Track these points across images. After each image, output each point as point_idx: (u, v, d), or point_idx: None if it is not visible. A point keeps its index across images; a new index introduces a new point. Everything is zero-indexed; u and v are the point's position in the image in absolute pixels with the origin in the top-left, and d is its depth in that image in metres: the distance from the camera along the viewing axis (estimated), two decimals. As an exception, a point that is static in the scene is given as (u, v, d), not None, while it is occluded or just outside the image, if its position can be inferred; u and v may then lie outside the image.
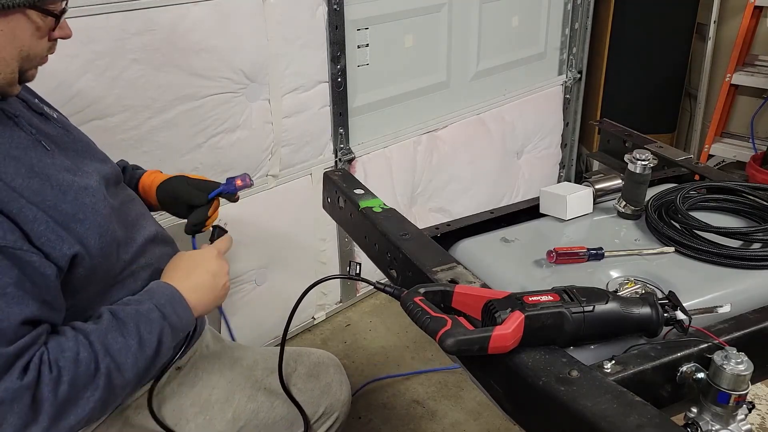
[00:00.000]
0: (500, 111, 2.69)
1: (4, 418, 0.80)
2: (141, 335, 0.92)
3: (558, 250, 1.13)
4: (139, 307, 0.95)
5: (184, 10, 1.61)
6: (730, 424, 0.86)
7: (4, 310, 0.81)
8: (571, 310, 0.89)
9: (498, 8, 2.53)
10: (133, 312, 0.94)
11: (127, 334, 0.91)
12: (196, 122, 1.72)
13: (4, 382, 0.79)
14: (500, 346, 0.87)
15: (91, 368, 0.86)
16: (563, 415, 0.78)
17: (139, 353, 0.91)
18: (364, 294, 2.45)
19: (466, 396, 1.99)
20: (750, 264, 1.11)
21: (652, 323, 0.92)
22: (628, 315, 0.91)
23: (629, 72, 3.10)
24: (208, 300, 1.04)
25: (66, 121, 1.09)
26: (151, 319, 0.94)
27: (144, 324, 0.93)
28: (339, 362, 1.31)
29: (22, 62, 0.90)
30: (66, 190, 0.91)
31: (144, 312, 0.94)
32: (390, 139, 2.28)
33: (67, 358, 0.84)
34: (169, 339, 0.96)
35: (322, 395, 1.22)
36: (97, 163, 1.06)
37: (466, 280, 1.01)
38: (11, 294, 0.82)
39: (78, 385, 0.84)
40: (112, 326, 0.91)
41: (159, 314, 0.95)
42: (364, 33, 2.09)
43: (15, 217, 0.83)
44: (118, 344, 0.89)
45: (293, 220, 2.08)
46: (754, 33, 3.04)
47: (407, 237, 1.13)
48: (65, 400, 0.83)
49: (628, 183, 1.28)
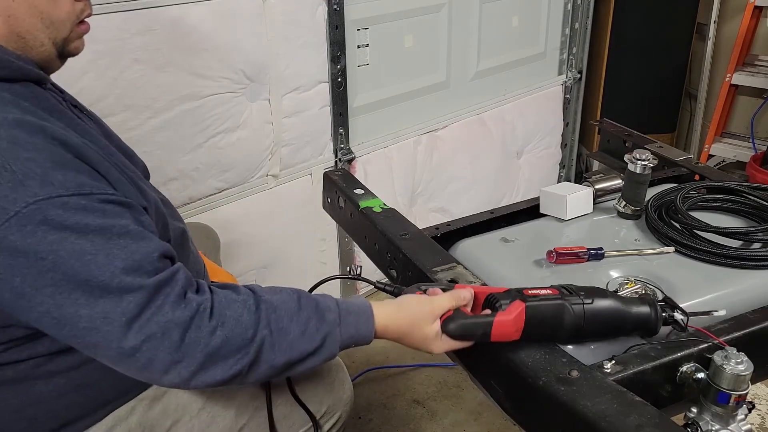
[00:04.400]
0: (500, 111, 2.69)
1: (154, 355, 0.79)
2: (308, 328, 0.88)
3: (558, 250, 1.13)
4: (323, 302, 0.92)
5: (184, 10, 1.61)
6: (730, 424, 0.86)
7: (132, 246, 0.80)
8: (571, 302, 0.90)
9: (498, 8, 2.53)
10: (314, 303, 0.91)
11: (296, 321, 0.87)
12: (196, 122, 1.72)
13: (158, 314, 0.79)
14: (503, 333, 0.88)
15: (248, 334, 0.83)
16: (563, 415, 0.78)
17: (296, 344, 0.87)
18: (364, 294, 2.45)
19: (466, 396, 1.99)
20: (750, 264, 1.11)
21: (651, 322, 0.92)
22: (627, 312, 0.92)
23: (629, 72, 3.10)
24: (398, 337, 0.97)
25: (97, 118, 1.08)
26: (326, 319, 0.90)
27: (316, 320, 0.89)
28: (341, 361, 1.31)
29: (51, 32, 0.87)
30: (125, 164, 0.92)
31: (323, 308, 0.91)
32: (390, 139, 2.28)
33: (230, 315, 0.83)
34: (335, 345, 0.90)
35: (325, 394, 1.21)
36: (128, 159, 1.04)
37: (466, 280, 1.02)
38: (136, 232, 0.81)
39: (232, 344, 0.82)
40: (287, 306, 0.88)
41: (336, 317, 0.91)
42: (364, 33, 2.09)
43: (105, 175, 0.84)
44: (281, 322, 0.86)
45: (293, 220, 2.08)
46: (754, 33, 3.04)
47: (407, 237, 1.13)
48: (215, 353, 0.81)
49: (628, 183, 1.28)
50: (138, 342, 0.78)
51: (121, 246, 0.79)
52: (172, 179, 1.72)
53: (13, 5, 0.83)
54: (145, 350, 0.79)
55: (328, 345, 0.90)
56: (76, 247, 0.76)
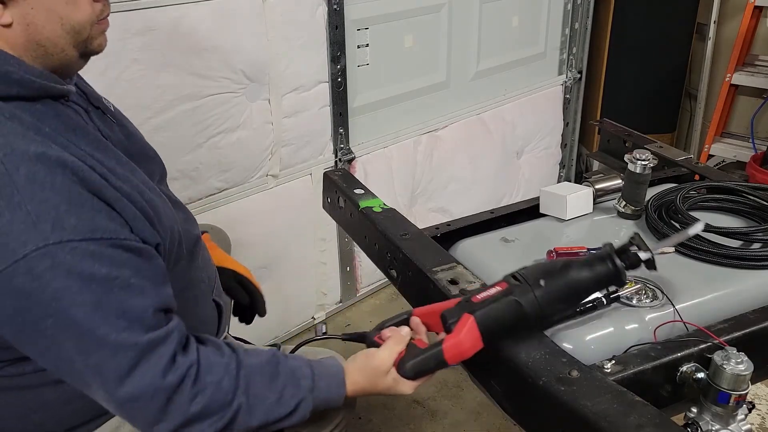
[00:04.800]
0: (500, 111, 2.69)
1: (140, 412, 0.82)
2: (283, 395, 0.91)
3: (558, 249, 1.14)
4: (299, 368, 0.94)
5: (184, 10, 1.60)
6: (730, 424, 0.86)
7: (131, 300, 0.81)
8: (521, 294, 0.87)
9: (498, 8, 2.53)
10: (290, 370, 0.93)
11: (272, 387, 0.90)
12: (196, 122, 1.72)
13: (148, 375, 0.81)
14: (460, 353, 0.87)
15: (227, 399, 0.86)
16: (563, 415, 0.78)
17: (271, 409, 0.90)
18: (364, 294, 2.45)
19: (466, 396, 1.99)
20: (750, 264, 1.11)
21: (613, 275, 0.88)
22: (585, 279, 0.88)
23: (629, 72, 3.10)
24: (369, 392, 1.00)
25: (122, 117, 1.06)
26: (301, 386, 0.93)
27: (292, 387, 0.92)
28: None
29: (72, 37, 0.84)
30: (141, 191, 0.90)
31: (299, 375, 0.93)
32: (390, 139, 2.28)
33: (211, 381, 0.85)
34: (307, 410, 0.93)
35: None
36: (147, 162, 1.04)
37: (466, 280, 1.02)
38: (136, 285, 0.81)
39: (210, 408, 0.85)
40: (265, 371, 0.91)
41: (310, 384, 0.93)
42: (364, 33, 2.09)
43: (121, 214, 0.84)
44: (258, 389, 0.89)
45: (293, 220, 2.08)
46: (754, 33, 3.03)
47: (407, 237, 1.13)
48: (192, 418, 0.84)
49: (628, 183, 1.28)
50: (126, 397, 0.81)
51: (121, 300, 0.80)
52: (172, 179, 1.71)
53: (32, 12, 0.80)
54: (132, 406, 0.82)
55: (301, 410, 0.92)
56: (78, 298, 0.77)
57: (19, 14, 0.79)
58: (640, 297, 1.03)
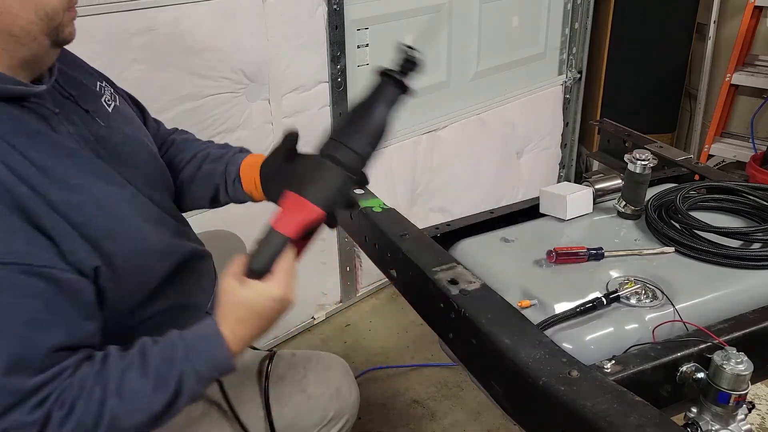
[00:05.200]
0: (500, 111, 2.69)
1: None
2: (158, 377, 0.83)
3: (558, 250, 1.14)
4: (166, 344, 0.86)
5: (184, 10, 1.60)
6: (730, 424, 0.86)
7: (33, 338, 0.76)
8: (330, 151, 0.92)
9: (498, 8, 2.53)
10: (158, 349, 0.85)
11: (145, 374, 0.83)
12: (196, 122, 1.72)
13: (15, 413, 0.75)
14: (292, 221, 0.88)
15: (100, 410, 0.80)
16: (563, 415, 0.78)
17: (153, 397, 0.83)
18: (364, 294, 2.45)
19: (466, 396, 1.99)
20: (750, 264, 1.11)
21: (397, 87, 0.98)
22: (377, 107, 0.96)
23: (629, 72, 3.10)
24: (261, 336, 0.92)
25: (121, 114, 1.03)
26: (173, 358, 0.84)
27: (166, 366, 0.84)
28: (347, 365, 1.29)
29: (45, 23, 0.82)
30: (102, 204, 0.86)
31: (169, 349, 0.85)
32: (390, 139, 2.28)
33: (83, 396, 0.79)
34: (191, 384, 0.85)
35: (331, 400, 1.19)
36: (145, 166, 1.01)
37: (466, 280, 1.01)
38: (42, 320, 0.77)
39: (84, 423, 0.79)
40: (135, 363, 0.84)
41: (184, 354, 0.85)
42: (364, 33, 2.08)
43: (50, 233, 0.79)
44: (132, 384, 0.82)
45: (293, 220, 2.07)
46: (754, 33, 3.03)
47: (407, 237, 1.13)
48: None
49: (628, 183, 1.28)
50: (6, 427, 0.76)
51: (20, 337, 0.76)
52: (172, 179, 1.72)
53: (7, 1, 0.78)
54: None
55: (187, 383, 0.85)
56: None
57: None
58: (639, 297, 1.03)
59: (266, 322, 0.89)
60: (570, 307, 1.01)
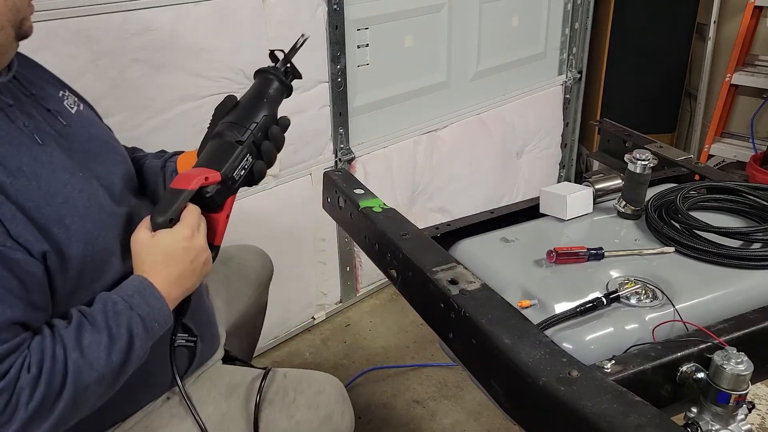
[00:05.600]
0: (500, 111, 2.69)
1: None
2: (110, 328, 0.86)
3: (558, 250, 1.13)
4: (106, 301, 0.89)
5: (184, 10, 1.60)
6: (730, 424, 0.86)
7: None
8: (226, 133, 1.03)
9: (498, 8, 2.53)
10: (100, 306, 0.88)
11: (96, 329, 0.86)
12: (196, 122, 1.72)
13: None
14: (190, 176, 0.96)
15: (65, 367, 0.82)
16: (563, 415, 0.78)
17: (111, 346, 0.85)
18: (364, 294, 2.45)
19: (466, 396, 1.99)
20: (750, 264, 1.11)
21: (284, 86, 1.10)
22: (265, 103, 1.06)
23: (629, 72, 3.10)
24: (187, 286, 0.96)
25: (86, 117, 1.05)
26: (118, 311, 0.88)
27: (112, 317, 0.87)
28: (343, 389, 1.26)
29: (13, 14, 0.86)
30: (55, 192, 0.88)
31: (110, 305, 0.88)
32: (390, 139, 2.28)
33: (46, 358, 0.81)
34: (140, 331, 0.89)
35: (321, 427, 1.17)
36: (109, 165, 1.02)
37: (466, 280, 1.01)
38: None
39: (53, 384, 0.81)
40: (82, 322, 0.86)
41: (125, 305, 0.89)
42: (364, 33, 2.08)
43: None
44: (88, 339, 0.85)
45: (293, 220, 2.08)
46: (754, 33, 3.04)
47: (407, 237, 1.13)
48: (41, 402, 0.80)
49: (628, 183, 1.28)
50: None
51: None
52: (172, 179, 1.72)
53: None
54: None
55: (136, 333, 0.88)
56: None
57: None
58: (639, 297, 1.03)
59: (182, 264, 0.94)
60: (570, 307, 1.01)
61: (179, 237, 0.93)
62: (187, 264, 0.94)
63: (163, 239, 0.93)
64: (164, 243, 0.93)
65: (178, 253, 0.93)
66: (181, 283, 0.95)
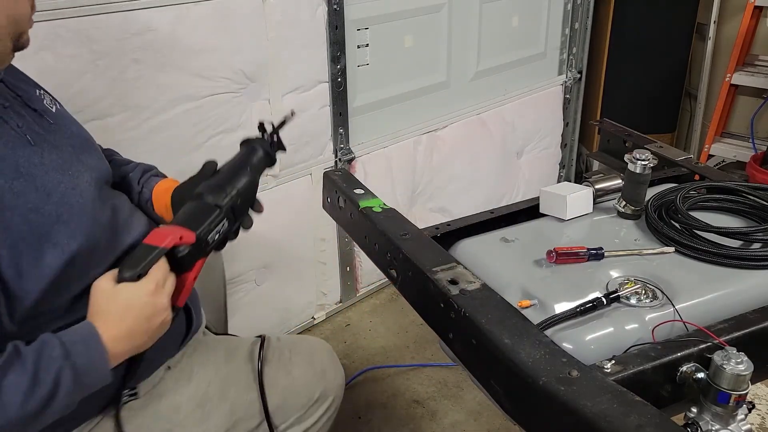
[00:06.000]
0: (500, 111, 2.69)
1: None
2: (37, 372, 0.81)
3: (558, 250, 1.13)
4: (44, 344, 0.85)
5: (184, 10, 1.60)
6: (730, 424, 0.86)
7: None
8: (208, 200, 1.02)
9: (498, 8, 2.53)
10: (36, 347, 0.84)
11: (22, 370, 0.81)
12: (196, 122, 1.72)
13: None
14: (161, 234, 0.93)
15: None
16: (563, 415, 0.78)
17: (30, 391, 0.80)
18: (364, 294, 2.45)
19: (466, 396, 1.99)
20: (750, 264, 1.11)
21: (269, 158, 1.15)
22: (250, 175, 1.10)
23: (629, 72, 3.10)
24: (137, 343, 0.92)
25: (65, 115, 1.07)
26: (52, 356, 0.83)
27: (43, 361, 0.82)
28: (331, 349, 1.33)
29: (13, 28, 0.90)
30: (51, 191, 0.89)
31: (47, 349, 0.84)
32: (390, 139, 2.28)
33: None
34: (68, 382, 0.83)
35: (317, 381, 1.23)
36: (93, 161, 1.04)
37: (466, 280, 1.01)
38: None
39: None
40: (12, 360, 0.82)
41: (61, 352, 0.84)
42: (364, 33, 2.09)
43: None
44: (9, 379, 0.80)
45: (293, 220, 2.08)
46: (754, 33, 3.04)
47: (407, 237, 1.13)
48: None
49: (628, 183, 1.28)
50: None
51: None
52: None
53: None
54: None
55: (63, 384, 0.83)
56: None
57: None
58: (639, 297, 1.03)
59: (137, 319, 0.89)
60: (570, 307, 1.01)
61: (142, 291, 0.89)
62: (142, 320, 0.90)
63: (125, 290, 0.89)
64: (125, 294, 0.89)
65: (136, 306, 0.89)
66: (131, 340, 0.90)
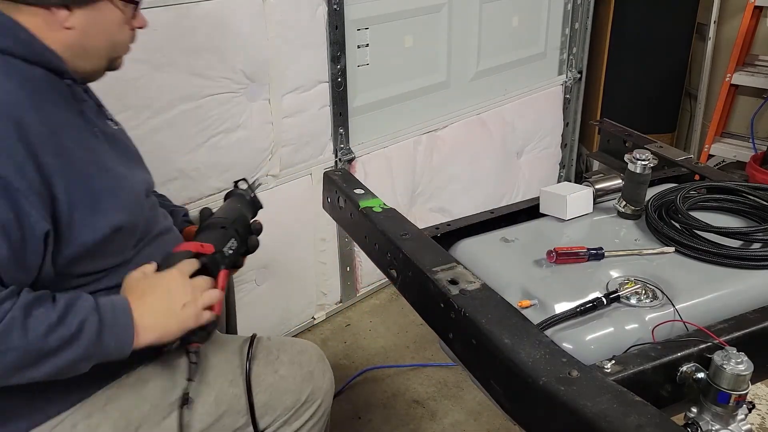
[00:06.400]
0: (500, 111, 2.69)
1: None
2: (65, 312, 0.89)
3: (558, 250, 1.13)
4: (80, 294, 0.94)
5: (184, 9, 1.61)
6: (730, 424, 0.86)
7: None
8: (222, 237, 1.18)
9: (498, 8, 2.53)
10: (71, 294, 0.93)
11: (53, 308, 0.89)
12: (196, 122, 1.72)
13: None
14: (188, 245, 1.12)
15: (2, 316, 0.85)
16: (563, 415, 0.78)
17: (54, 327, 0.88)
18: (364, 294, 2.45)
19: (466, 396, 1.99)
20: (750, 264, 1.11)
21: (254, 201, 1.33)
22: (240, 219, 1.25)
23: (629, 72, 3.10)
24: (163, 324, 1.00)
25: (124, 131, 1.18)
26: (83, 305, 0.92)
27: (74, 306, 0.91)
28: (321, 352, 1.33)
29: (111, 51, 1.04)
30: (108, 170, 1.00)
31: (81, 299, 0.93)
32: (390, 139, 2.28)
33: None
34: (92, 332, 0.91)
35: (304, 382, 1.22)
36: (144, 173, 1.17)
37: (466, 280, 1.01)
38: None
39: None
40: (45, 296, 0.90)
41: (93, 304, 0.93)
42: (364, 33, 2.09)
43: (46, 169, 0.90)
44: (38, 310, 0.87)
45: (293, 220, 2.08)
46: (754, 33, 3.04)
47: (407, 237, 1.13)
48: None
49: (628, 183, 1.28)
50: None
51: None
52: (172, 179, 1.72)
53: (91, 25, 0.99)
54: None
55: (87, 331, 0.91)
56: None
57: (81, 23, 0.97)
58: (639, 297, 1.03)
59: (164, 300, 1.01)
60: (570, 307, 1.01)
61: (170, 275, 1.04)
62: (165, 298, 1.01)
63: (155, 274, 1.04)
64: (154, 277, 1.04)
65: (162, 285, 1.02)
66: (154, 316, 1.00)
